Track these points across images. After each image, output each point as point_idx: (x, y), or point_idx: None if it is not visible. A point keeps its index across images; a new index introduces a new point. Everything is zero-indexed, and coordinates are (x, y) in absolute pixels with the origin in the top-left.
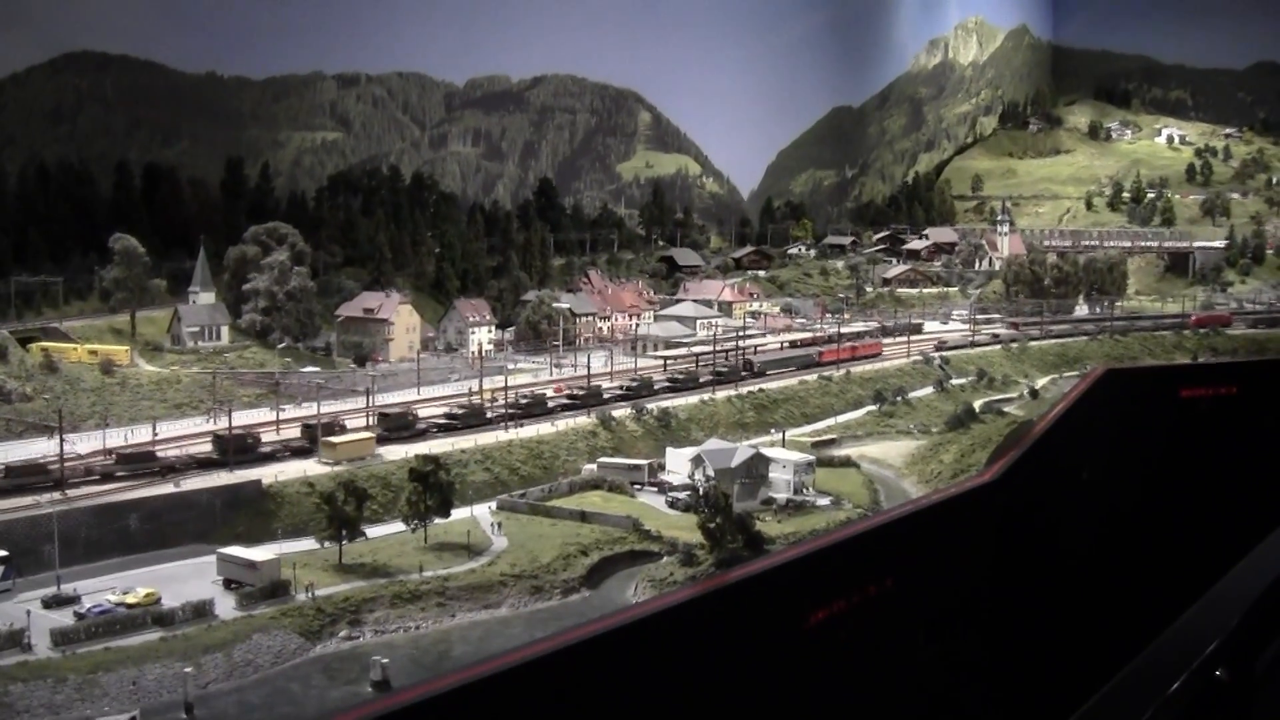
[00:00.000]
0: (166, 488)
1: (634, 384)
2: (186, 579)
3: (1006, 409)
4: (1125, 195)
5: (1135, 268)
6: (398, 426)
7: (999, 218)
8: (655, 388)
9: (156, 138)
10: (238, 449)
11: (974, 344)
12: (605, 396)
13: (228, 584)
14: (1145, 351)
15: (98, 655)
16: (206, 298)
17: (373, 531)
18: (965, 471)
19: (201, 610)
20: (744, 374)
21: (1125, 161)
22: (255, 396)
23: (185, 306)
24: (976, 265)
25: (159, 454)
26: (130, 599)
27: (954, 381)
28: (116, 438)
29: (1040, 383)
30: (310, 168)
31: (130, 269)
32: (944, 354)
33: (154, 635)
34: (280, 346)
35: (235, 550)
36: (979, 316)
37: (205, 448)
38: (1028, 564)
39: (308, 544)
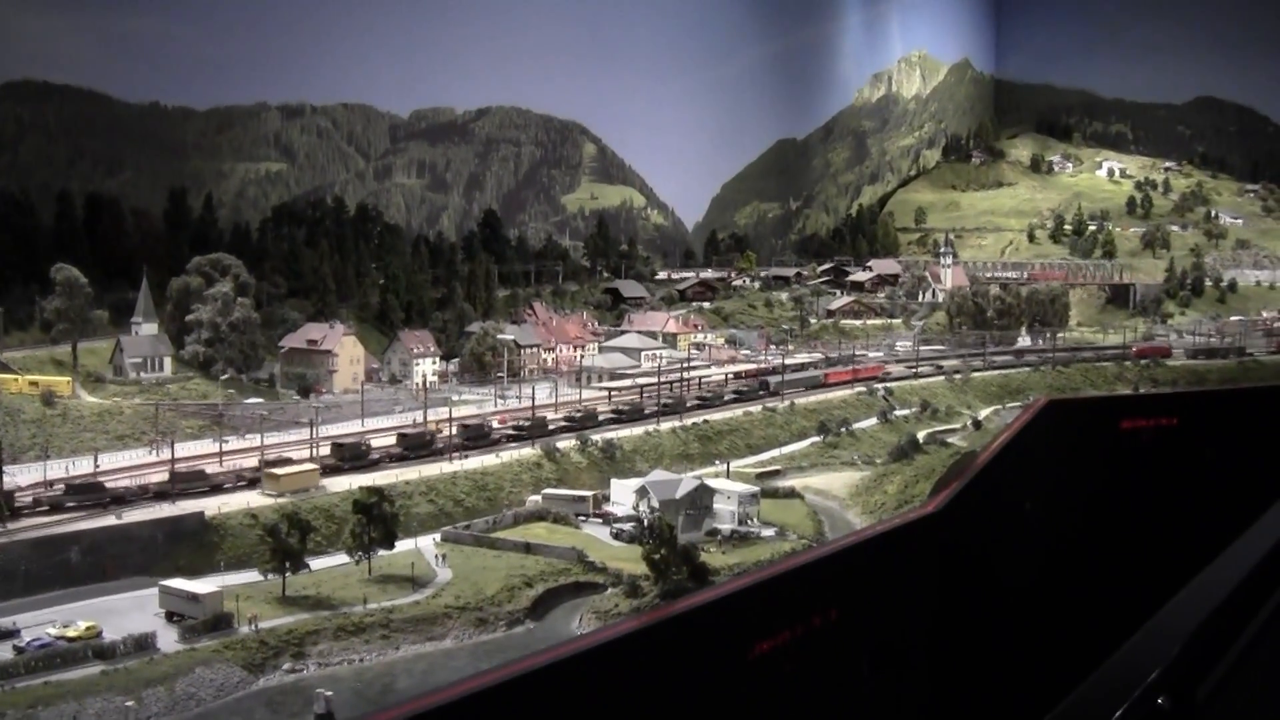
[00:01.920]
0: (108, 519)
1: (708, 395)
2: (128, 612)
3: (950, 440)
4: (1067, 228)
5: (1077, 299)
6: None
7: (942, 250)
8: (688, 404)
9: (99, 168)
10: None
11: (917, 375)
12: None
13: (170, 617)
14: (1087, 382)
15: (37, 689)
16: (149, 329)
17: (316, 564)
18: (909, 502)
19: (143, 643)
20: (761, 393)
21: (1067, 194)
22: (198, 428)
23: (127, 338)
24: (920, 297)
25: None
26: (70, 632)
27: (898, 413)
28: (58, 469)
29: (983, 413)
30: (254, 199)
31: (72, 299)
32: (888, 385)
33: (94, 669)
34: (223, 378)
35: (177, 583)
36: (923, 348)
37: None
38: (972, 594)
39: (251, 576)
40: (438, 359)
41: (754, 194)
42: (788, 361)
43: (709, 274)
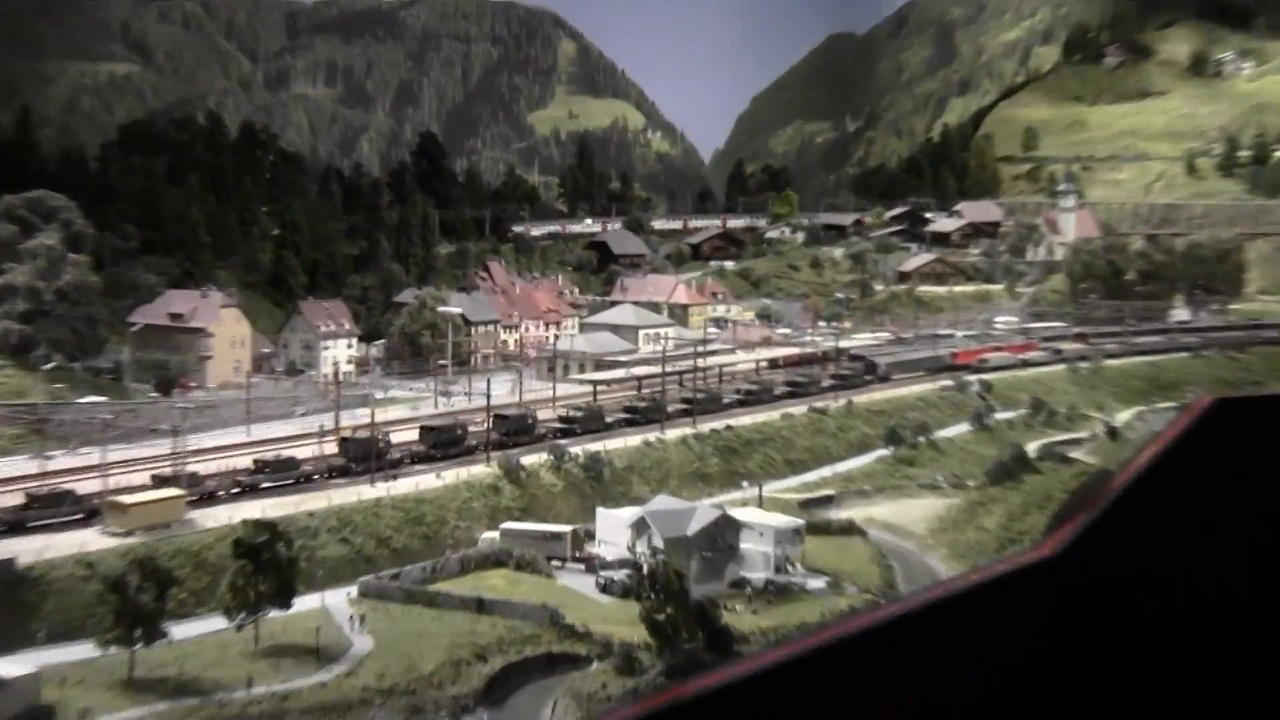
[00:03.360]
0: None
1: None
2: None
3: (1074, 454)
4: (1243, 154)
5: (1258, 257)
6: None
7: (1061, 187)
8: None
9: None
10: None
11: (1026, 363)
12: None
13: None
14: (1272, 374)
15: None
16: None
17: (181, 631)
18: (1015, 542)
19: None
20: (867, 378)
21: (1242, 107)
22: (11, 439)
23: None
24: (1030, 254)
25: None
26: None
27: (998, 415)
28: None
29: (1121, 417)
30: (93, 113)
31: None
32: (983, 377)
33: None
34: (48, 367)
35: None
36: (1034, 324)
37: None
38: (1103, 671)
39: (85, 650)
40: (355, 341)
41: (796, 111)
42: (844, 343)
43: (734, 222)
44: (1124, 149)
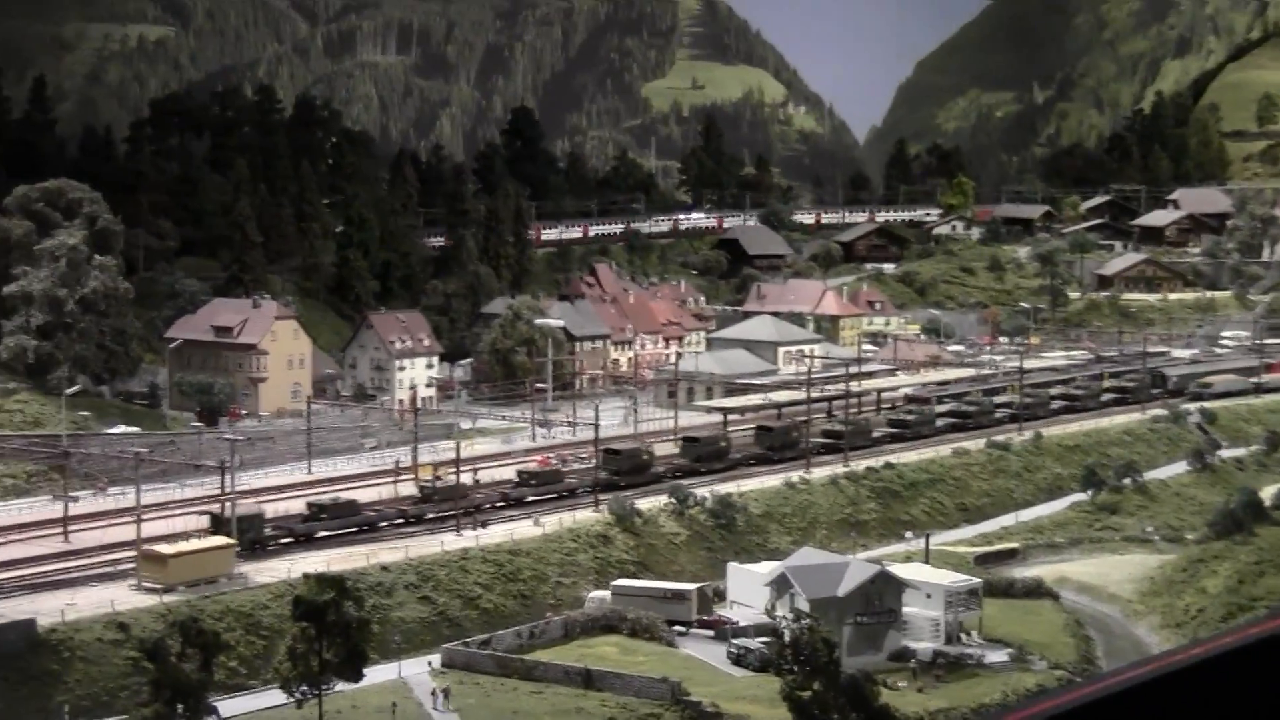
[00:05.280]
0: None
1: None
2: None
3: None
4: None
5: None
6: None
7: None
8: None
9: None
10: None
11: (1260, 388)
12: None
13: None
14: None
15: None
16: None
17: (230, 706)
18: (1247, 610)
19: None
20: (1155, 392)
21: None
22: (27, 476)
23: None
24: (1266, 253)
25: None
26: None
27: (1224, 453)
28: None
29: None
30: (119, 86)
31: None
32: (1205, 406)
33: None
34: (71, 391)
35: None
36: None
37: None
38: None
39: None
40: (435, 360)
41: (971, 79)
42: (1025, 365)
43: (894, 215)
44: None
